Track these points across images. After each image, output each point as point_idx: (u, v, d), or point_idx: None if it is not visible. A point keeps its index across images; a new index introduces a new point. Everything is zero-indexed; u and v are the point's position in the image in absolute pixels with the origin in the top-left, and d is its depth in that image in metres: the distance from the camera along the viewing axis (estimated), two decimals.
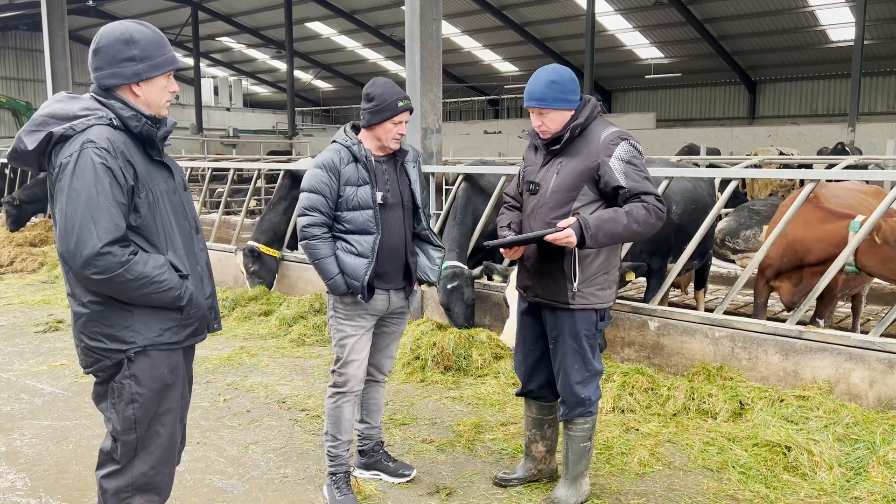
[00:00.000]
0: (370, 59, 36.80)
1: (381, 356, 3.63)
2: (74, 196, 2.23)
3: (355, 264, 3.26)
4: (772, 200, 9.24)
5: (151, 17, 33.23)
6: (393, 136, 3.33)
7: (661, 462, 3.82)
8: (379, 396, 3.71)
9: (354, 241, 3.28)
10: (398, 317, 3.57)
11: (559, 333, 3.20)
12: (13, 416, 4.56)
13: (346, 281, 3.26)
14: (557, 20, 27.99)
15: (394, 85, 3.34)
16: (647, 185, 3.01)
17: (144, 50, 2.37)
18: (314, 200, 3.27)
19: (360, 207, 3.27)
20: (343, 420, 3.42)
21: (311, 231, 3.27)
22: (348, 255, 3.28)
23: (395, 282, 3.43)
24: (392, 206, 3.36)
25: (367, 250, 3.27)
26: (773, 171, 8.13)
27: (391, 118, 3.28)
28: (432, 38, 6.38)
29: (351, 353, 3.39)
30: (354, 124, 3.44)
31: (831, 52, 26.39)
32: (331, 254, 3.27)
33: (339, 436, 3.42)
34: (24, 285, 8.85)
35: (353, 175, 3.28)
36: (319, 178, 3.28)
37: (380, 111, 3.27)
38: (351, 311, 3.36)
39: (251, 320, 6.87)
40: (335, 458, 3.43)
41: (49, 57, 11.29)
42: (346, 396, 3.43)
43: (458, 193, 6.33)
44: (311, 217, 3.27)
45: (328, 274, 3.27)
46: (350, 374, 3.40)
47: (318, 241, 3.27)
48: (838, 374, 4.34)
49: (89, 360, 2.41)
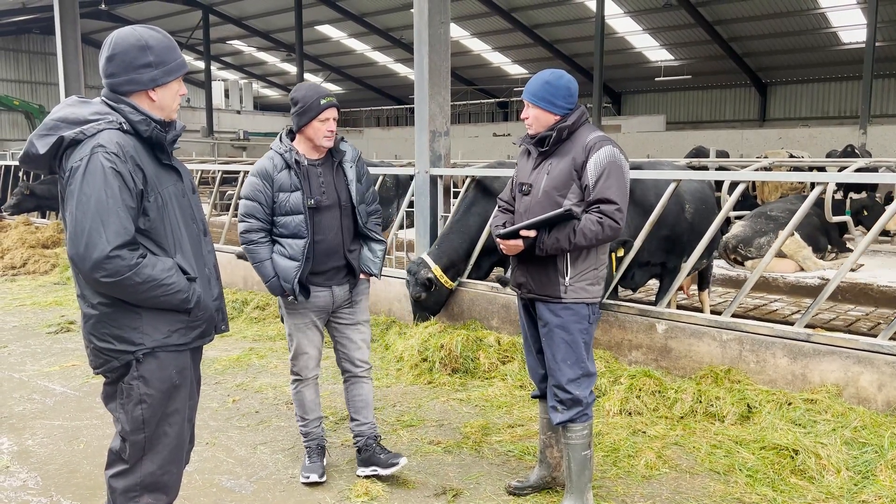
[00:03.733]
0: (380, 61, 36.91)
1: (348, 348, 3.76)
2: (84, 200, 2.26)
3: (286, 267, 3.49)
4: (788, 205, 9.19)
5: (163, 20, 33.49)
6: (323, 134, 3.51)
7: (667, 465, 3.82)
8: (364, 392, 3.79)
9: (287, 244, 3.50)
10: (348, 307, 3.74)
11: (552, 327, 3.24)
12: (25, 416, 4.61)
13: (281, 283, 3.48)
14: (567, 22, 27.97)
15: (317, 86, 3.58)
16: (611, 192, 3.09)
17: (159, 56, 2.41)
18: (250, 207, 3.52)
19: (292, 213, 3.48)
20: (306, 402, 3.75)
21: (248, 236, 3.54)
22: (281, 258, 3.51)
23: (336, 279, 3.64)
24: (327, 207, 3.55)
25: (298, 254, 3.48)
26: (781, 174, 8.10)
27: (316, 117, 3.47)
28: (440, 42, 6.40)
29: (299, 347, 3.67)
30: (290, 130, 3.61)
31: (842, 54, 26.23)
32: (267, 257, 3.52)
33: (305, 416, 3.76)
34: (36, 286, 8.94)
35: (286, 181, 3.48)
36: (254, 185, 3.52)
37: (305, 112, 3.47)
38: (293, 308, 3.63)
39: (261, 322, 6.91)
40: (307, 435, 3.78)
41: (62, 60, 11.39)
42: (303, 382, 3.74)
43: (465, 194, 6.34)
44: (247, 223, 3.54)
45: (265, 276, 3.53)
46: (302, 364, 3.70)
47: (255, 245, 3.53)
48: (847, 378, 4.32)
49: (98, 360, 2.44)
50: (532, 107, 3.25)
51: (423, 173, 6.53)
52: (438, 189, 6.58)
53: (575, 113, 3.25)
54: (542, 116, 3.25)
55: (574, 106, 3.26)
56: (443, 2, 6.38)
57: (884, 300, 7.54)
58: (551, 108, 3.22)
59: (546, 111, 3.23)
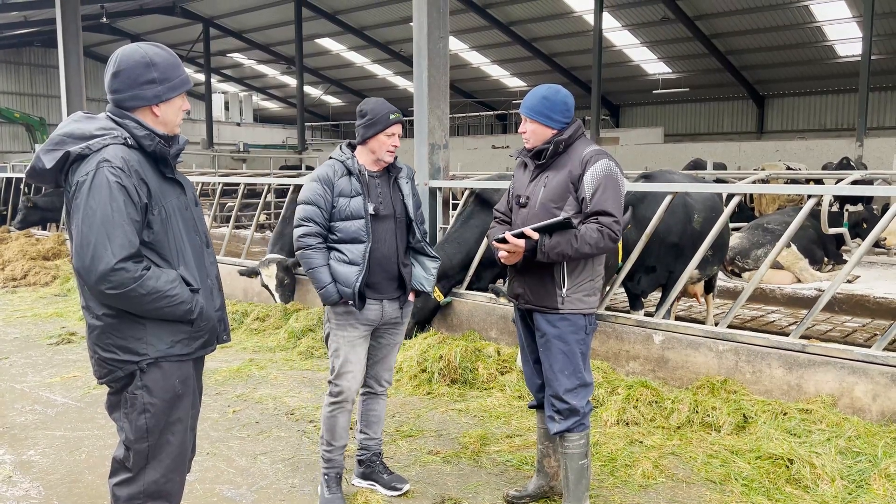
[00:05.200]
0: (379, 74, 37.08)
1: (379, 368, 3.71)
2: (90, 213, 2.31)
3: (347, 272, 3.39)
4: (785, 218, 9.25)
5: (164, 33, 33.69)
6: (387, 148, 3.50)
7: (664, 474, 3.85)
8: (379, 409, 3.77)
9: (346, 249, 3.42)
10: (393, 327, 3.66)
11: (549, 337, 3.28)
12: (27, 427, 4.64)
13: (338, 289, 3.40)
14: (565, 36, 28.14)
15: (385, 101, 3.55)
16: (608, 205, 3.13)
17: (163, 72, 2.47)
18: (309, 211, 3.44)
19: (352, 217, 3.42)
20: (338, 428, 3.57)
21: (306, 241, 3.44)
22: (340, 263, 3.42)
23: (388, 292, 3.54)
24: (384, 217, 3.50)
25: (359, 258, 3.40)
26: (777, 186, 8.17)
27: (384, 130, 3.47)
28: (440, 56, 6.48)
29: (345, 364, 3.51)
30: (350, 142, 3.61)
31: (839, 67, 26.41)
32: (324, 263, 3.42)
33: (333, 442, 3.58)
34: (37, 298, 8.97)
35: (347, 187, 3.44)
36: (315, 190, 3.45)
37: (373, 124, 3.46)
38: (344, 320, 3.49)
39: (261, 333, 6.94)
40: (329, 462, 3.61)
41: (64, 73, 11.49)
42: (341, 406, 3.56)
43: (464, 206, 6.39)
44: (306, 227, 3.44)
45: (321, 283, 3.40)
46: (345, 385, 3.52)
47: (312, 250, 3.43)
48: (841, 388, 4.36)
49: (103, 370, 2.49)
50: (529, 121, 3.31)
51: (422, 185, 6.59)
52: (438, 201, 6.64)
53: (571, 127, 3.31)
54: (539, 130, 3.30)
55: (571, 120, 3.32)
56: (442, 17, 6.47)
57: (880, 311, 7.58)
58: (548, 122, 3.28)
59: (543, 125, 3.29)
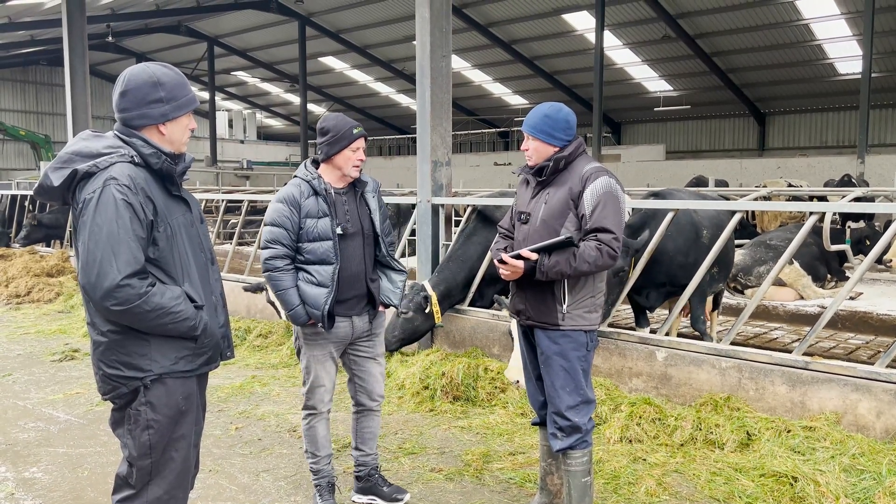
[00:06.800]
0: (382, 92, 37.32)
1: (365, 381, 3.73)
2: (96, 230, 2.34)
3: (316, 294, 3.41)
4: (787, 234, 9.25)
5: (169, 52, 33.99)
6: (353, 163, 3.52)
7: (668, 492, 3.84)
8: (374, 425, 3.78)
9: (315, 271, 3.43)
10: (367, 340, 3.69)
11: (550, 354, 3.28)
12: (30, 444, 4.64)
13: (307, 311, 3.41)
14: (566, 54, 28.33)
15: (346, 117, 3.58)
16: (608, 222, 3.16)
17: (170, 92, 2.50)
18: (276, 233, 3.44)
19: (320, 239, 3.43)
20: (318, 437, 3.64)
21: (273, 263, 3.44)
22: (309, 285, 3.43)
23: (357, 308, 3.58)
24: (352, 235, 3.52)
25: (327, 280, 3.42)
26: (779, 204, 8.19)
27: (348, 146, 3.49)
28: (442, 75, 6.53)
29: (316, 379, 3.58)
30: (315, 160, 3.61)
31: (839, 85, 26.52)
32: (292, 285, 3.43)
33: (317, 452, 3.65)
34: (40, 315, 8.98)
35: (314, 208, 3.44)
36: (281, 211, 3.44)
37: (336, 141, 3.48)
38: (312, 339, 3.53)
39: (263, 350, 6.95)
40: (317, 472, 3.67)
41: (70, 91, 11.58)
42: (317, 417, 3.64)
43: (466, 224, 6.41)
44: (273, 249, 3.44)
45: (289, 305, 3.42)
46: (318, 397, 3.61)
47: (280, 272, 3.43)
48: (845, 405, 4.35)
49: (107, 387, 2.50)
50: (532, 139, 3.34)
51: (424, 202, 6.62)
52: (440, 218, 6.66)
53: (572, 144, 3.34)
54: (541, 148, 3.33)
55: (572, 137, 3.35)
56: (444, 36, 6.53)
57: (883, 328, 7.56)
58: (550, 140, 3.31)
59: (545, 143, 3.32)
